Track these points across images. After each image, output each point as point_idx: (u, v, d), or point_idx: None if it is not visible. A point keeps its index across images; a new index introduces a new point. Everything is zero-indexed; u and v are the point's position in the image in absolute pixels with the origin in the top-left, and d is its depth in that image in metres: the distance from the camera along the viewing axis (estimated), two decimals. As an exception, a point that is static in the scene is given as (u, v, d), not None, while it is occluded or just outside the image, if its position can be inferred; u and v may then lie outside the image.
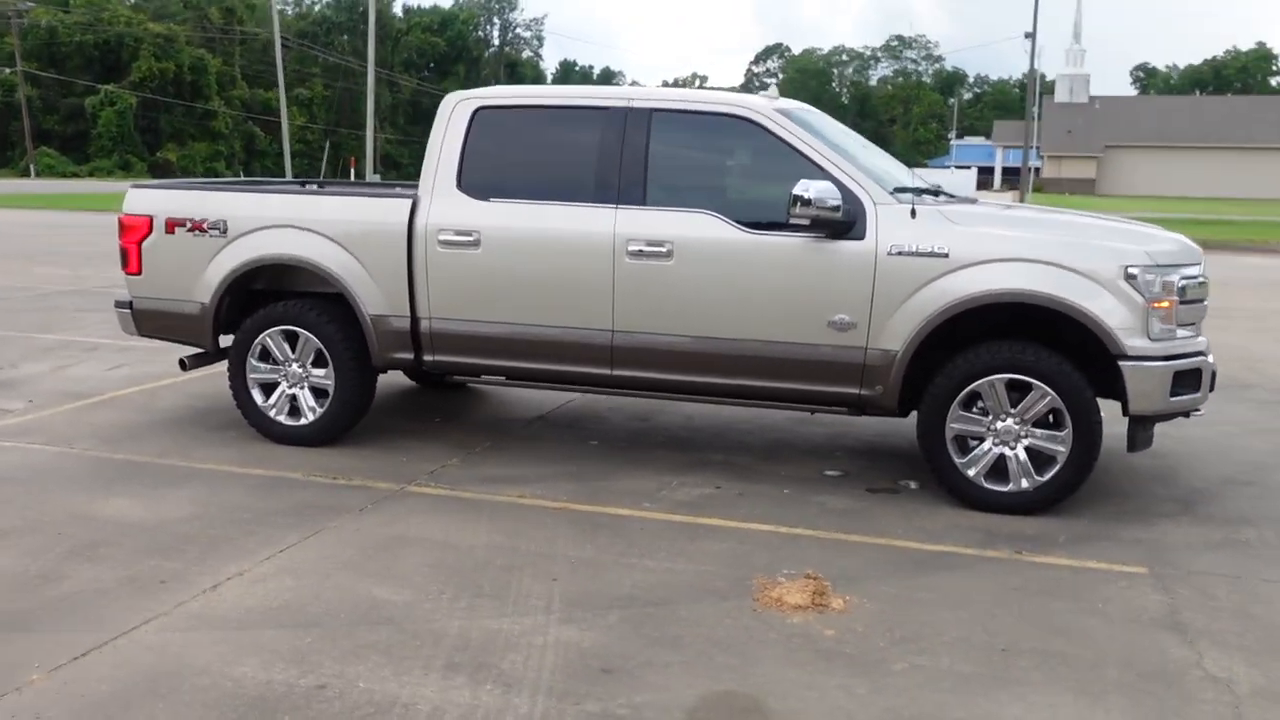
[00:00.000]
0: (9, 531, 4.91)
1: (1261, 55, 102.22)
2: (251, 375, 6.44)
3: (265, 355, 6.41)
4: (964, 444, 5.43)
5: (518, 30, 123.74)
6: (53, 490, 5.52)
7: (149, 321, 6.70)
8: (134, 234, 6.57)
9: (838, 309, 5.45)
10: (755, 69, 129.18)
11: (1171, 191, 59.26)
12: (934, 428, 5.42)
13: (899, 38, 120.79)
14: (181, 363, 6.82)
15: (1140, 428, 5.38)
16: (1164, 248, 5.35)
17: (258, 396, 6.45)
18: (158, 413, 7.25)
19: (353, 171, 52.53)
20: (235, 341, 6.45)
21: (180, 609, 4.11)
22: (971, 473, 5.41)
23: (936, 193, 5.88)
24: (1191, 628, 4.10)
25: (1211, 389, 5.44)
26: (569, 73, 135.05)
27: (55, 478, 5.74)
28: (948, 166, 58.16)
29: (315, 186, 8.15)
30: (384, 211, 6.12)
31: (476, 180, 6.00)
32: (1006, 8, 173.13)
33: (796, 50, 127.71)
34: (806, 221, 5.31)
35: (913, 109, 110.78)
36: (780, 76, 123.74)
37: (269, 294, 6.52)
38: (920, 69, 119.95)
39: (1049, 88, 67.85)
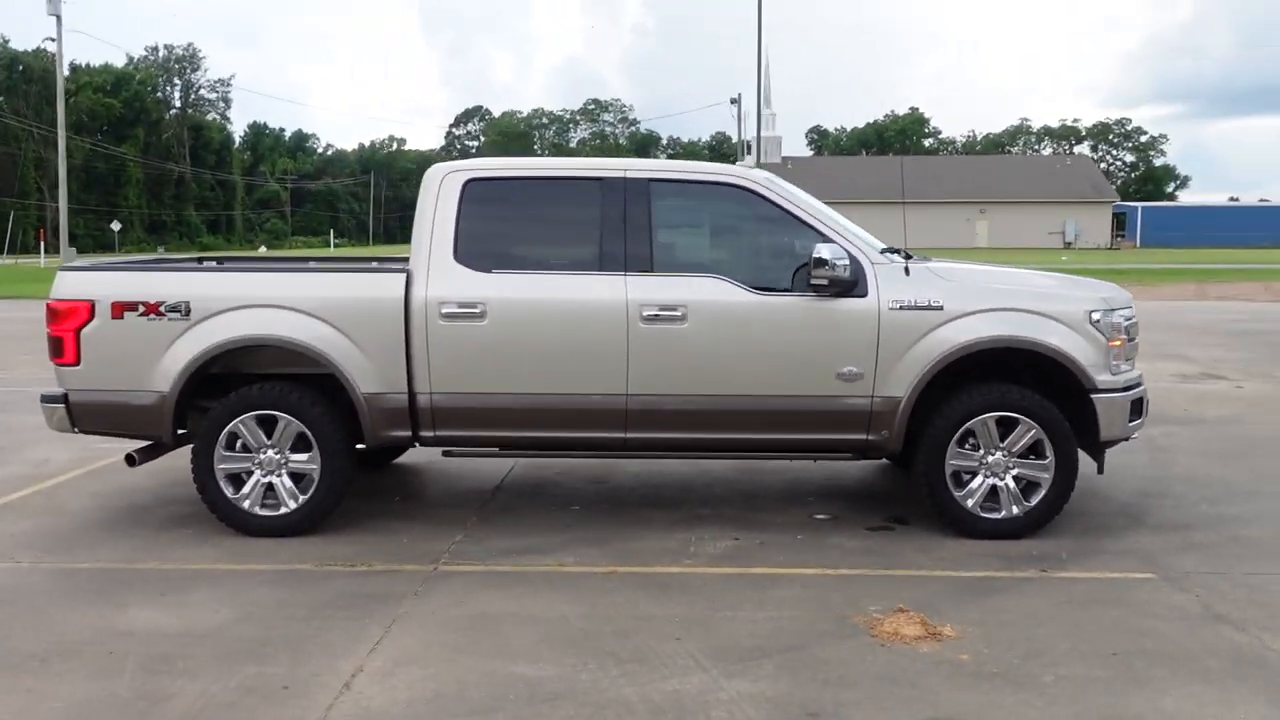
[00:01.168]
0: (47, 656, 4.39)
1: (916, 119, 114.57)
2: (220, 466, 6.02)
3: (234, 443, 6.02)
4: (959, 478, 5.97)
5: (202, 91, 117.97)
6: (48, 608, 4.95)
7: (91, 416, 6.11)
8: (69, 321, 5.99)
9: (846, 362, 5.87)
10: (456, 131, 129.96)
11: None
12: (935, 466, 5.92)
13: (596, 101, 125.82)
14: (130, 458, 6.24)
15: (1101, 453, 6.13)
16: (1110, 294, 6.16)
17: (227, 488, 6.03)
18: (78, 515, 6.56)
19: (43, 246, 48.07)
20: (201, 430, 6.02)
21: (334, 712, 3.87)
22: (969, 504, 5.95)
23: (904, 252, 6.45)
24: (1232, 618, 4.78)
25: (1145, 414, 6.28)
26: (260, 135, 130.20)
27: (36, 595, 5.15)
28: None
29: (215, 263, 7.70)
30: (378, 287, 5.97)
31: (474, 252, 5.98)
32: (686, 76, 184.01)
33: (496, 112, 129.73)
34: (826, 281, 5.72)
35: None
36: (482, 139, 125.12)
37: (226, 378, 6.13)
38: (617, 131, 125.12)
39: (741, 149, 72.60)
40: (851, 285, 5.82)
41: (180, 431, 6.15)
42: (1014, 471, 5.95)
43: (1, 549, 5.86)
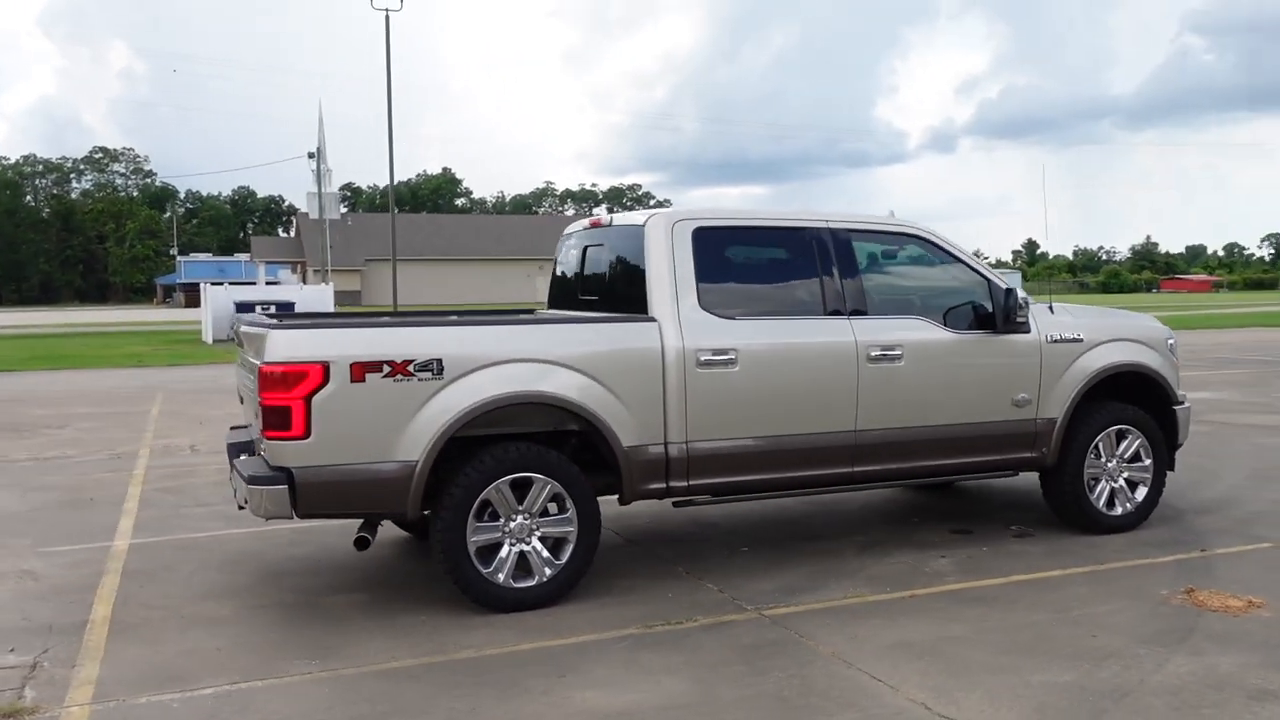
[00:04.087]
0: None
1: (448, 179, 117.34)
2: (474, 539, 5.50)
3: (484, 512, 5.54)
4: (1089, 485, 7.01)
5: None
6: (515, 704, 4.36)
7: (321, 496, 5.27)
8: (298, 387, 5.18)
9: (1019, 389, 6.71)
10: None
11: (428, 299, 65.32)
12: (1078, 474, 6.92)
13: (104, 150, 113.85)
14: (362, 542, 5.48)
15: (1173, 455, 7.44)
16: (1163, 325, 7.57)
17: (479, 563, 5.52)
18: (276, 623, 5.57)
19: None
20: (451, 501, 5.45)
21: (989, 739, 3.99)
22: (1100, 505, 7.02)
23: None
24: (1379, 564, 6.24)
25: (1184, 423, 7.71)
26: None
27: (470, 691, 4.48)
28: (250, 281, 56.89)
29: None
30: (636, 337, 5.82)
31: (716, 299, 6.05)
32: (191, 124, 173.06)
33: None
34: (1025, 319, 6.53)
35: (126, 225, 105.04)
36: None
37: (467, 442, 5.61)
38: (129, 184, 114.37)
39: (319, 205, 70.05)
40: (1023, 321, 6.68)
41: None
42: (1125, 475, 7.11)
43: (242, 665, 4.90)
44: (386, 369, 5.31)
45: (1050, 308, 6.95)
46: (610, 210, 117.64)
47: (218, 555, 6.88)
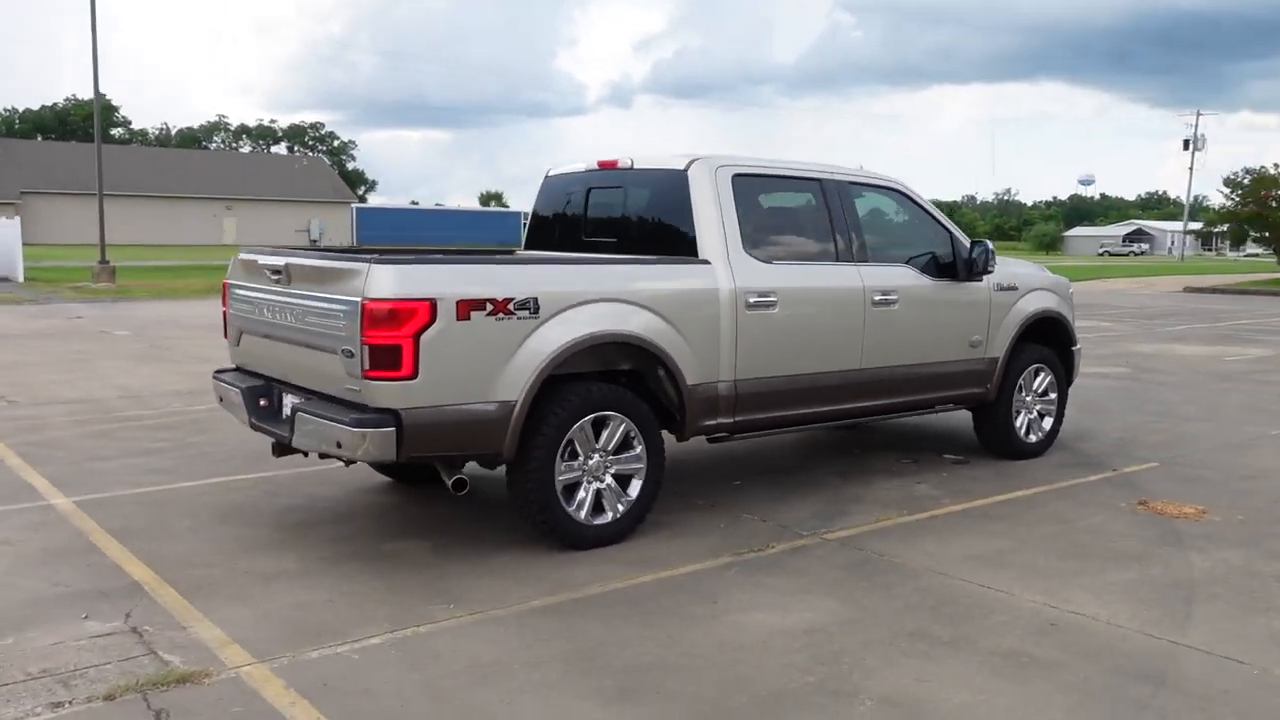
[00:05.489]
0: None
1: (106, 106, 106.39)
2: (560, 478, 5.54)
3: (567, 450, 5.58)
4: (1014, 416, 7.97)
5: None
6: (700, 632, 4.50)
7: (426, 437, 5.10)
8: (407, 324, 4.99)
9: (975, 331, 7.49)
10: None
11: (94, 239, 59.34)
12: (1008, 409, 7.84)
13: None
14: (459, 484, 5.31)
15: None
16: (1057, 275, 8.63)
17: (564, 502, 5.57)
18: (347, 567, 5.30)
19: None
20: (543, 440, 5.44)
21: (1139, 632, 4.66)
22: (1023, 434, 8.00)
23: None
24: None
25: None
26: None
27: (596, 636, 4.55)
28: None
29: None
30: (698, 278, 6.00)
31: (756, 243, 6.33)
32: None
33: None
34: (993, 269, 7.28)
35: None
36: None
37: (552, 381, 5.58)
38: None
39: None
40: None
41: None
42: (1037, 408, 8.13)
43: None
44: (489, 307, 5.19)
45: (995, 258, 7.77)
46: (291, 149, 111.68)
47: (202, 510, 6.38)
